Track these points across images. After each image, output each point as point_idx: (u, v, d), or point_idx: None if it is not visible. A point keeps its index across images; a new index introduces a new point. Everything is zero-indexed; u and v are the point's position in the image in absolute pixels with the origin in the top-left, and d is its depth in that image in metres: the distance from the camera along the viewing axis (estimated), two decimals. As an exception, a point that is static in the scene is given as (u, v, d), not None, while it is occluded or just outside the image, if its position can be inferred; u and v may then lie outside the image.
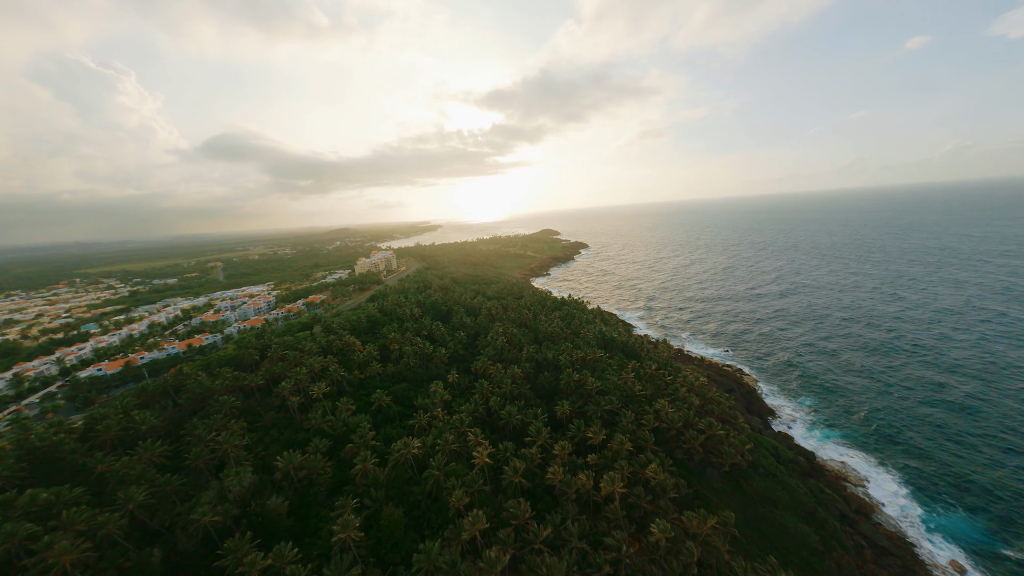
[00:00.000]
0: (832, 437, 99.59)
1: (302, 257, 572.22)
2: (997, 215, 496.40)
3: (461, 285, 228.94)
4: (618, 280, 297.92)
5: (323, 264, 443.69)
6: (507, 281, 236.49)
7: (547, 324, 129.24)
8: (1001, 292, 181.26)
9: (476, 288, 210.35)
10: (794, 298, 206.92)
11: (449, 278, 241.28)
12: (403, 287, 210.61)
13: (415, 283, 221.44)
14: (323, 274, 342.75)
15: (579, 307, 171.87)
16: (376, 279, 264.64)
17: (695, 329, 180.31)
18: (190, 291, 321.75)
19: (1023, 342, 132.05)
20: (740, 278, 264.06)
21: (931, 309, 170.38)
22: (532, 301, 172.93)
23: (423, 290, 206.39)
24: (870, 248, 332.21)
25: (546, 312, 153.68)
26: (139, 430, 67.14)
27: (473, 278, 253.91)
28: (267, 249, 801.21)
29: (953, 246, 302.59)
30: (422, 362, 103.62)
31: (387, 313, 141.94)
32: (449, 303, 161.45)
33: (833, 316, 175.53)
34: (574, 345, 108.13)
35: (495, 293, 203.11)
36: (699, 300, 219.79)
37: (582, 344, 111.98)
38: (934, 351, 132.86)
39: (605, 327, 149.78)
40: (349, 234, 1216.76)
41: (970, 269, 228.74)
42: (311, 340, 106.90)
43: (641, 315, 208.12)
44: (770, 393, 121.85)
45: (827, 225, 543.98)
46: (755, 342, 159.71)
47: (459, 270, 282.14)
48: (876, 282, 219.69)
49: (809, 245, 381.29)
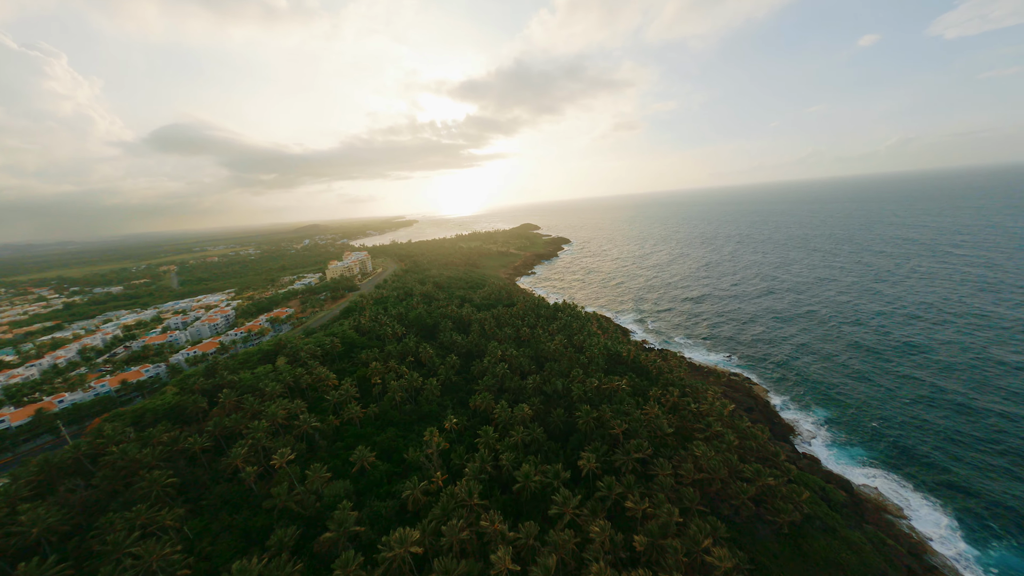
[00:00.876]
0: (856, 456, 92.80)
1: (267, 258, 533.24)
2: (945, 204, 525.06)
3: (445, 290, 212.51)
4: (603, 277, 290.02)
5: (290, 267, 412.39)
6: (494, 284, 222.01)
7: (547, 341, 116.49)
8: (971, 284, 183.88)
9: (462, 294, 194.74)
10: (779, 295, 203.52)
11: (431, 282, 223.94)
12: (381, 295, 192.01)
13: (394, 289, 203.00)
14: (291, 278, 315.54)
15: (575, 315, 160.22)
16: (350, 284, 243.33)
17: (688, 332, 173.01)
18: (137, 302, 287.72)
19: (1003, 338, 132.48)
20: (722, 273, 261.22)
21: (911, 303, 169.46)
22: (525, 309, 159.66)
23: (404, 298, 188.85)
24: (839, 239, 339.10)
25: (543, 323, 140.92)
26: (28, 536, 48.87)
27: (457, 281, 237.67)
28: (228, 249, 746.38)
29: (913, 236, 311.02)
30: (410, 396, 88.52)
31: (365, 333, 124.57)
32: (435, 315, 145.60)
33: (820, 313, 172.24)
34: (584, 370, 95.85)
35: (483, 299, 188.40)
36: (687, 300, 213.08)
37: (590, 366, 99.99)
38: (923, 350, 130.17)
39: (608, 339, 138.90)
40: (319, 231, 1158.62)
41: (935, 260, 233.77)
42: (273, 377, 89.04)
43: (633, 317, 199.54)
44: (783, 406, 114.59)
45: (795, 216, 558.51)
46: (751, 344, 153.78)
47: (441, 272, 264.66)
48: (853, 276, 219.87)
49: (783, 237, 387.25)
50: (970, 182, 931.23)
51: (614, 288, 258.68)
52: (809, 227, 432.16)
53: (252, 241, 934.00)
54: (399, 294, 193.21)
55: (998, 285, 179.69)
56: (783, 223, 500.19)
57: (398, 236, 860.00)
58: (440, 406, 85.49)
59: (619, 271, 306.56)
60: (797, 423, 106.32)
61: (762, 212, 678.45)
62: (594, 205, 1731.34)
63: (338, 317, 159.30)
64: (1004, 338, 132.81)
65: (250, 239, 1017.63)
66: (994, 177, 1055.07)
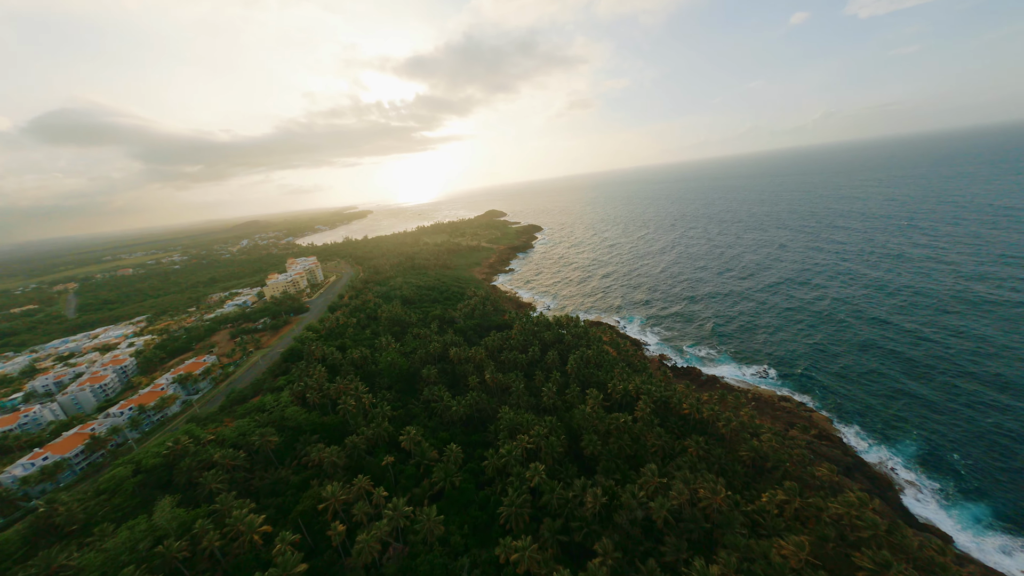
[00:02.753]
0: (982, 520, 74.01)
1: (195, 267, 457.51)
2: (879, 173, 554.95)
3: (417, 307, 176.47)
4: (584, 270, 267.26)
5: (223, 278, 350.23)
6: (474, 293, 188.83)
7: (578, 403, 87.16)
8: (965, 267, 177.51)
9: (439, 312, 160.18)
10: (775, 285, 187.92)
11: (399, 297, 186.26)
12: (335, 322, 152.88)
13: (353, 313, 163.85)
14: (222, 296, 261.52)
15: (582, 334, 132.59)
16: (296, 303, 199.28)
17: (701, 338, 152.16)
18: (9, 342, 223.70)
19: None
20: (705, 261, 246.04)
21: (915, 294, 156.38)
22: (524, 333, 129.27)
23: (366, 324, 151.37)
24: (803, 215, 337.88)
25: (552, 359, 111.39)
26: None
27: (430, 291, 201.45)
28: (148, 256, 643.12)
29: (873, 211, 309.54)
30: (395, 539, 55.83)
31: (314, 405, 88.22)
32: (413, 357, 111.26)
33: (833, 309, 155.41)
34: (645, 451, 68.01)
35: (467, 316, 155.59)
36: (684, 297, 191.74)
37: (647, 436, 72.64)
38: (975, 360, 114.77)
39: (646, 379, 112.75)
40: (259, 228, 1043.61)
41: (902, 236, 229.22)
42: (150, 539, 52.42)
43: (636, 323, 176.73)
44: (858, 441, 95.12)
45: (753, 192, 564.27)
46: (773, 349, 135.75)
47: (408, 280, 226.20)
48: (834, 258, 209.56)
49: (746, 214, 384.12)
50: (891, 152, 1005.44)
51: (600, 282, 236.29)
52: (771, 204, 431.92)
53: (179, 244, 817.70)
54: (360, 319, 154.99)
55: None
56: (744, 199, 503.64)
57: (351, 230, 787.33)
58: (448, 555, 53.56)
59: (598, 261, 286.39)
60: (886, 467, 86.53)
61: (719, 188, 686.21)
62: (555, 186, 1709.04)
63: (278, 365, 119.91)
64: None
65: (176, 241, 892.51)
66: (907, 146, 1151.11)
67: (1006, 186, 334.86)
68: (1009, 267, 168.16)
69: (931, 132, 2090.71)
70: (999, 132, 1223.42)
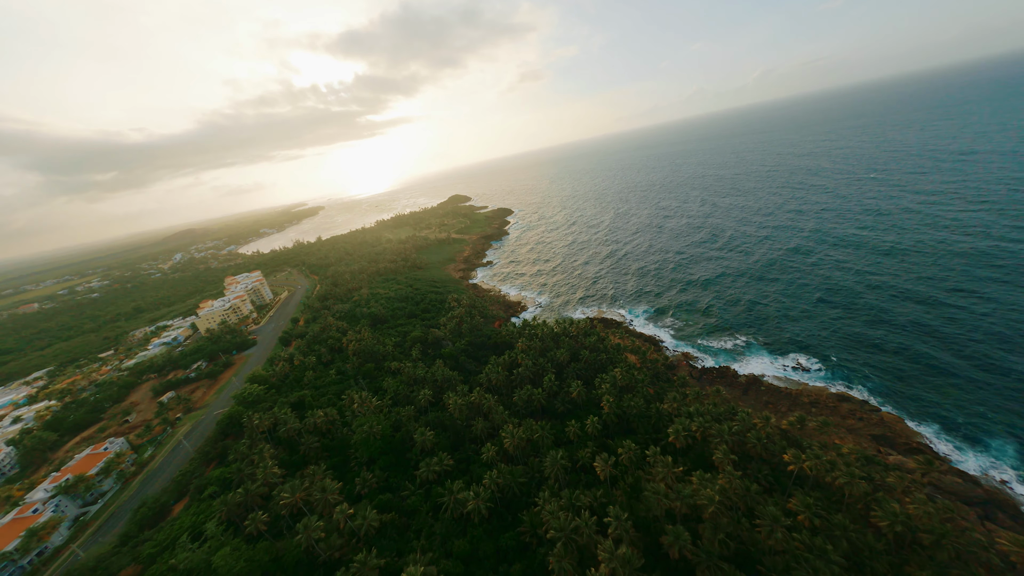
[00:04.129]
0: None
1: (118, 294, 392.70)
2: (826, 127, 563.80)
3: (391, 327, 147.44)
4: (566, 255, 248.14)
5: (150, 306, 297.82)
6: (459, 301, 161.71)
7: (629, 458, 65.42)
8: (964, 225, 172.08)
9: (420, 335, 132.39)
10: (769, 255, 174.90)
11: (366, 315, 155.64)
12: (288, 367, 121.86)
13: (311, 346, 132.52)
14: (146, 332, 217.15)
15: (600, 345, 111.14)
16: (239, 336, 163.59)
17: (712, 327, 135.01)
18: None
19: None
20: (687, 233, 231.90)
21: (915, 253, 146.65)
22: (530, 353, 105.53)
23: (331, 359, 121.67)
24: (767, 176, 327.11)
25: (578, 387, 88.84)
26: None
27: (403, 301, 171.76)
28: (59, 285, 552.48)
29: (836, 167, 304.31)
30: None
31: (262, 534, 60.12)
32: (398, 418, 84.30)
33: (838, 278, 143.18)
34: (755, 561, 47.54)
35: (453, 332, 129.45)
36: (680, 281, 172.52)
37: (763, 545, 52.39)
38: (1014, 324, 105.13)
39: (672, 389, 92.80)
40: (195, 237, 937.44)
41: (874, 190, 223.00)
42: None
43: (641, 315, 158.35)
44: (946, 446, 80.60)
45: (712, 155, 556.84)
46: (798, 334, 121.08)
47: (375, 290, 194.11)
48: (817, 220, 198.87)
49: (713, 179, 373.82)
50: (828, 105, 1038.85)
51: (586, 268, 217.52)
52: (733, 166, 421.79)
53: (100, 265, 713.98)
54: (320, 353, 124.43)
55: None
56: (706, 162, 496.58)
57: (302, 231, 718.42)
58: None
59: (578, 243, 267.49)
60: (994, 480, 71.80)
61: (679, 154, 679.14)
62: (514, 164, 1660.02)
63: (212, 443, 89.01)
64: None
65: (96, 262, 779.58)
66: (841, 98, 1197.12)
67: (946, 130, 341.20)
68: (994, 212, 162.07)
69: (858, 84, 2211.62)
70: (919, 79, 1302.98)
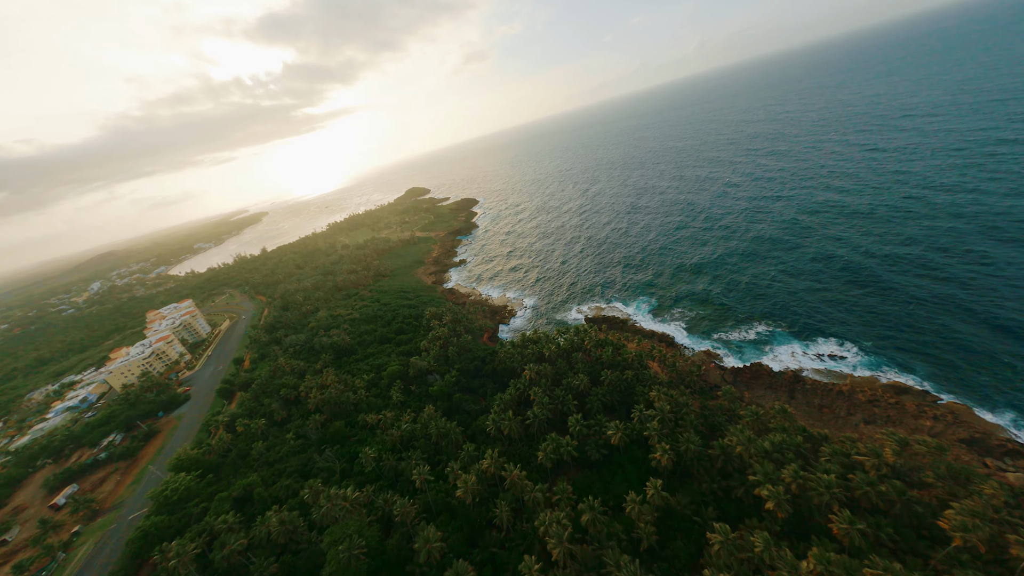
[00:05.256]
0: None
1: (15, 342, 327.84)
2: (768, 92, 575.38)
3: (360, 358, 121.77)
4: (543, 245, 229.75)
5: (56, 355, 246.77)
6: (439, 318, 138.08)
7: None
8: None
9: (398, 369, 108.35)
10: (754, 230, 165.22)
11: (328, 347, 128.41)
12: (226, 440, 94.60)
13: (258, 401, 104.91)
14: (48, 392, 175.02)
15: (620, 359, 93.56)
16: (166, 391, 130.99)
17: (723, 317, 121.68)
18: None
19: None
20: (663, 212, 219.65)
21: (900, 215, 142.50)
22: (549, 393, 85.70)
23: (285, 415, 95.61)
24: (725, 145, 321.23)
25: (617, 432, 70.45)
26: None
27: (372, 322, 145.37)
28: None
29: (789, 132, 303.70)
30: None
31: None
32: (385, 514, 61.75)
33: (833, 250, 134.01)
34: None
35: (438, 359, 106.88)
36: (672, 266, 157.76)
37: None
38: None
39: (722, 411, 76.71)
40: (117, 260, 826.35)
41: (836, 152, 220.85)
42: None
43: (627, 302, 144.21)
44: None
45: (666, 127, 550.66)
46: (817, 315, 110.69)
47: (335, 311, 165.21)
48: (791, 188, 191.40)
49: (675, 152, 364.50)
50: (765, 71, 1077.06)
51: (565, 258, 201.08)
52: (689, 138, 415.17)
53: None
54: (271, 410, 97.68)
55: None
56: (662, 135, 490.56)
57: (244, 242, 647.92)
58: None
59: (553, 232, 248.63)
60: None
61: (633, 128, 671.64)
62: (469, 151, 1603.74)
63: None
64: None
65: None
66: (775, 65, 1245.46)
67: (885, 88, 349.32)
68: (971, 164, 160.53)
69: (787, 50, 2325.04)
70: (839, 43, 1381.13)
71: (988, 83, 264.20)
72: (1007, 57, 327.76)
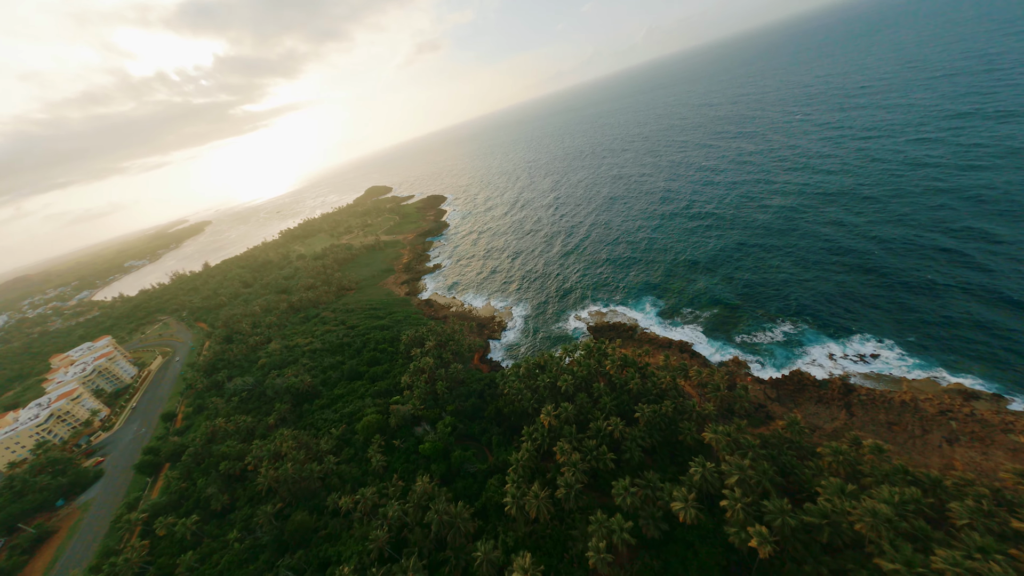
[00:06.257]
0: None
1: None
2: (724, 76, 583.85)
3: (326, 402, 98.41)
4: (520, 244, 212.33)
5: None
6: (420, 341, 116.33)
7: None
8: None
9: (375, 418, 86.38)
10: (746, 219, 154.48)
11: (286, 391, 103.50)
12: (141, 551, 69.92)
13: (189, 475, 79.84)
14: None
15: (651, 386, 77.45)
16: (68, 474, 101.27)
17: (740, 317, 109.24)
18: None
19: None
20: (642, 202, 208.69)
21: (892, 196, 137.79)
22: (578, 444, 67.81)
23: (230, 498, 71.88)
24: (693, 129, 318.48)
25: (690, 508, 53.89)
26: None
27: (337, 352, 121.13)
28: None
29: (753, 114, 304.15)
30: None
31: None
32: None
33: (839, 237, 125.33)
34: None
35: (425, 399, 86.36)
36: (668, 262, 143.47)
37: None
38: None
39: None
40: (31, 287, 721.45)
41: (809, 131, 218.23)
42: None
43: (627, 303, 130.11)
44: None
45: (628, 114, 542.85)
46: (843, 311, 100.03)
47: (291, 339, 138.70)
48: (774, 174, 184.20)
49: (641, 139, 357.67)
50: (714, 57, 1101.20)
51: (548, 256, 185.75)
52: (655, 124, 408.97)
53: None
54: (210, 494, 73.37)
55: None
56: (624, 122, 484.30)
57: (184, 256, 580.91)
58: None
59: (531, 228, 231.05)
60: None
61: (594, 116, 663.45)
62: (431, 144, 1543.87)
63: None
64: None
65: None
66: (720, 50, 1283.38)
67: (833, 69, 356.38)
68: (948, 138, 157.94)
69: (729, 37, 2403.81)
70: (779, 29, 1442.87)
71: (930, 61, 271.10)
72: (936, 40, 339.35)
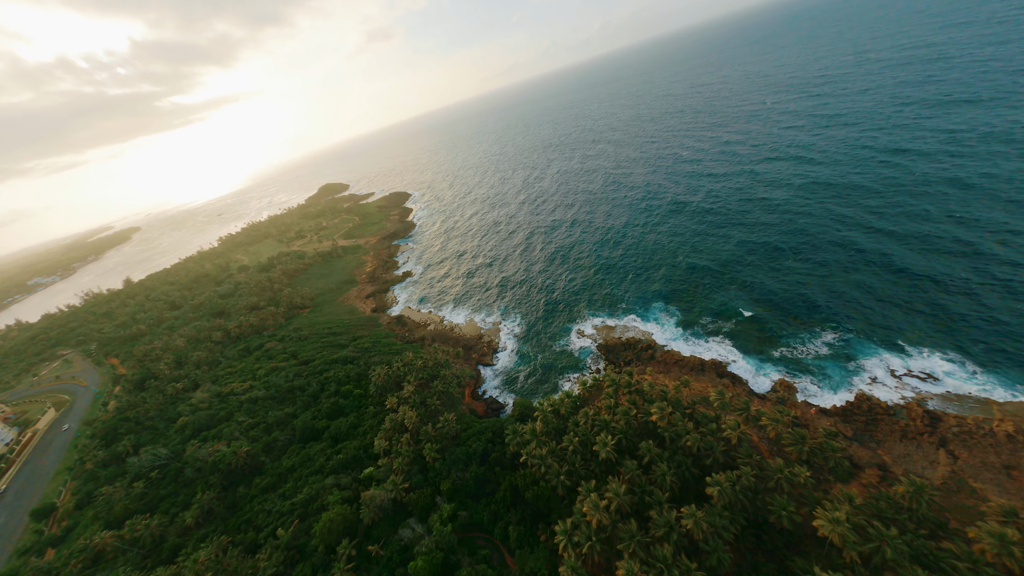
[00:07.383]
0: None
1: None
2: (683, 66, 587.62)
3: (271, 492, 72.45)
4: (499, 246, 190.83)
5: None
6: (395, 379, 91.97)
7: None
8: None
9: (342, 513, 62.18)
10: (748, 215, 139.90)
11: (215, 466, 76.23)
12: None
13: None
14: None
15: (753, 463, 59.38)
16: None
17: (768, 331, 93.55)
18: None
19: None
20: (627, 197, 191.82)
21: (894, 189, 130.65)
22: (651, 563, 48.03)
23: None
24: (670, 117, 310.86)
25: None
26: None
27: (286, 402, 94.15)
28: None
29: (725, 104, 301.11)
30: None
31: None
32: None
33: (852, 236, 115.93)
34: None
35: (411, 477, 63.78)
36: (668, 265, 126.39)
37: None
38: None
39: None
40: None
41: (785, 119, 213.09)
42: None
43: (640, 314, 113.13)
44: None
45: (592, 106, 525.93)
46: (886, 316, 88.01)
47: (229, 382, 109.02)
48: (758, 164, 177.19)
49: (608, 130, 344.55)
50: (671, 49, 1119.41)
51: (531, 257, 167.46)
52: (622, 113, 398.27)
53: None
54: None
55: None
56: (592, 114, 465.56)
57: (105, 269, 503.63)
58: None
59: (508, 227, 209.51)
60: None
61: (556, 108, 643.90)
62: (388, 138, 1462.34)
63: None
64: None
65: None
66: (674, 43, 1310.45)
67: (789, 60, 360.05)
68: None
69: (680, 30, 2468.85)
70: (726, 22, 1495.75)
71: (879, 52, 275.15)
72: (883, 28, 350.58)
